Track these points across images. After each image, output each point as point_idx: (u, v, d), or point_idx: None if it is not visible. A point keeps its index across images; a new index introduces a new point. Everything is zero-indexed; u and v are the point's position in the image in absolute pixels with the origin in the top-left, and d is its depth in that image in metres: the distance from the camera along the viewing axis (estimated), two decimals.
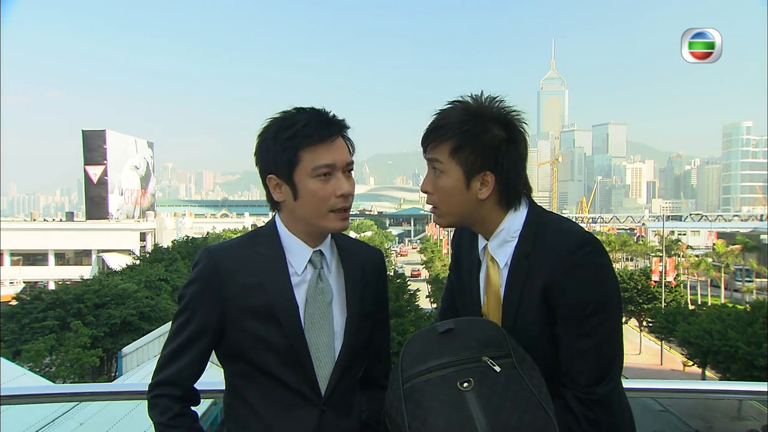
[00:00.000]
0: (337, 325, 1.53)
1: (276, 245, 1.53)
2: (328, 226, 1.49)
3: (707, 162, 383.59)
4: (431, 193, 1.50)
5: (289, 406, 1.49)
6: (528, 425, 1.22)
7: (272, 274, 1.49)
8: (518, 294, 1.45)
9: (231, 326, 1.49)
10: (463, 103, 1.50)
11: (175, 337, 1.51)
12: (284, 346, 1.47)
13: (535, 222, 1.49)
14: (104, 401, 3.39)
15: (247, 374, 1.51)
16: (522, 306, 1.44)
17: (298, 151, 1.44)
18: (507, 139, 1.46)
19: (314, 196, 1.46)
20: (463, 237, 1.67)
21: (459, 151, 1.44)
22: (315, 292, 1.52)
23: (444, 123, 1.46)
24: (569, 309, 1.40)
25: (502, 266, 1.51)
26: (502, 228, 1.51)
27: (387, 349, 1.77)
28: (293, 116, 1.48)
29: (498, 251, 1.51)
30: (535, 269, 1.43)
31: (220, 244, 1.56)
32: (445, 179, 1.47)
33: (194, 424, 1.52)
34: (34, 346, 18.97)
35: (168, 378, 1.49)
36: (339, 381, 1.52)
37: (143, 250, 49.07)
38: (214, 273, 1.48)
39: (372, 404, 1.71)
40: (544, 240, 1.45)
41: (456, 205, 1.49)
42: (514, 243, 1.49)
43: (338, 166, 1.46)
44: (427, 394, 1.27)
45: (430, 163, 1.50)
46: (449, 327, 1.37)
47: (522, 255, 1.46)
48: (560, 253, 1.40)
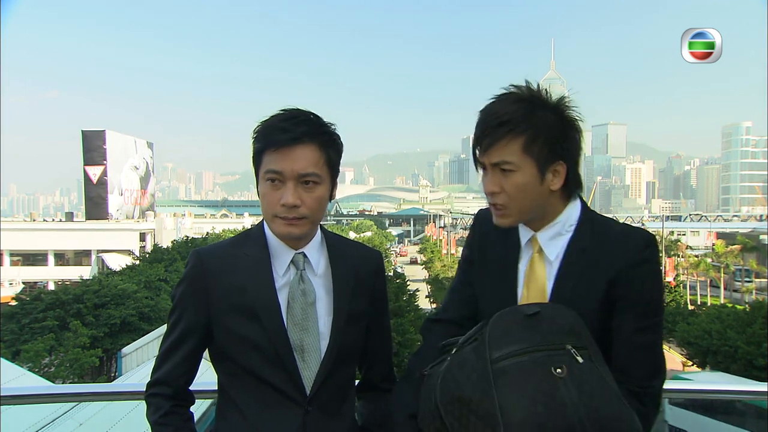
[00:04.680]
0: (323, 326, 1.54)
1: (262, 246, 1.55)
2: (275, 229, 1.51)
3: (707, 162, 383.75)
4: (498, 193, 1.43)
5: (274, 406, 1.50)
6: (616, 417, 1.21)
7: (256, 275, 1.51)
8: (571, 288, 1.42)
9: (217, 326, 1.51)
10: (515, 95, 1.42)
11: (168, 337, 1.54)
12: (268, 347, 1.48)
13: (590, 218, 1.48)
14: (104, 401, 3.39)
15: (234, 374, 1.52)
16: (574, 300, 1.39)
17: (261, 152, 1.47)
18: (569, 125, 1.43)
19: (263, 199, 1.49)
20: (490, 228, 1.56)
21: (532, 145, 1.38)
22: (296, 294, 1.52)
23: (508, 119, 1.37)
24: (632, 303, 1.39)
25: (552, 259, 1.46)
26: (558, 220, 1.47)
27: (387, 351, 1.76)
28: (271, 116, 1.49)
29: (549, 243, 1.47)
30: (596, 264, 1.41)
31: (209, 245, 1.59)
32: (517, 177, 1.40)
33: (185, 422, 1.54)
34: (34, 347, 18.96)
35: (161, 377, 1.53)
36: (325, 382, 1.52)
37: (143, 250, 48.97)
38: (200, 273, 1.51)
39: (370, 407, 1.71)
40: (606, 236, 1.43)
41: (529, 201, 1.43)
42: (568, 236, 1.46)
43: (287, 175, 1.44)
44: (518, 377, 1.22)
45: (495, 165, 1.41)
46: (536, 310, 1.32)
47: (579, 249, 1.44)
48: (629, 249, 1.39)
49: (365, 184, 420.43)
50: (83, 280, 28.32)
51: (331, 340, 1.53)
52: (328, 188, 1.52)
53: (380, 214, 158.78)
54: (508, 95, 1.42)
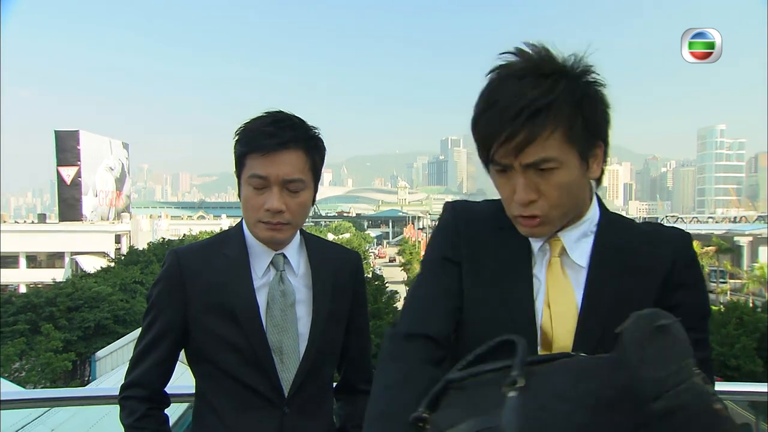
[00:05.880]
0: (302, 328, 1.53)
1: (241, 247, 1.53)
2: (258, 234, 1.50)
3: (683, 164, 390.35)
4: (535, 201, 1.10)
5: (251, 408, 1.48)
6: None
7: (234, 276, 1.50)
8: (611, 296, 1.15)
9: (194, 327, 1.49)
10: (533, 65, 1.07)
11: (143, 338, 1.52)
12: (246, 348, 1.47)
13: (609, 213, 1.25)
14: (76, 406, 3.33)
15: (211, 375, 1.51)
16: (617, 308, 1.10)
17: (244, 156, 1.45)
18: (599, 91, 1.13)
19: (246, 203, 1.47)
20: (479, 226, 1.26)
21: (574, 130, 1.06)
22: (276, 295, 1.51)
23: (548, 102, 1.03)
24: (686, 312, 1.07)
25: (581, 263, 1.19)
26: (586, 218, 1.22)
27: (366, 353, 1.75)
28: (255, 119, 1.47)
29: (576, 246, 1.20)
30: (637, 267, 1.16)
31: (187, 245, 1.58)
32: (561, 174, 1.08)
33: (161, 426, 1.51)
34: (4, 351, 18.57)
35: (135, 379, 1.50)
36: (303, 383, 1.51)
37: (118, 252, 48.23)
38: (177, 273, 1.49)
39: (349, 409, 1.70)
40: (638, 234, 1.21)
41: (573, 201, 1.15)
42: (593, 236, 1.21)
43: (272, 180, 1.43)
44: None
45: (530, 166, 1.07)
46: (665, 323, 0.85)
47: (610, 249, 1.18)
48: (677, 247, 1.18)
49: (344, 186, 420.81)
50: (56, 282, 27.88)
51: (310, 341, 1.52)
52: (311, 193, 1.51)
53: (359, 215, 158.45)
54: (527, 69, 1.07)
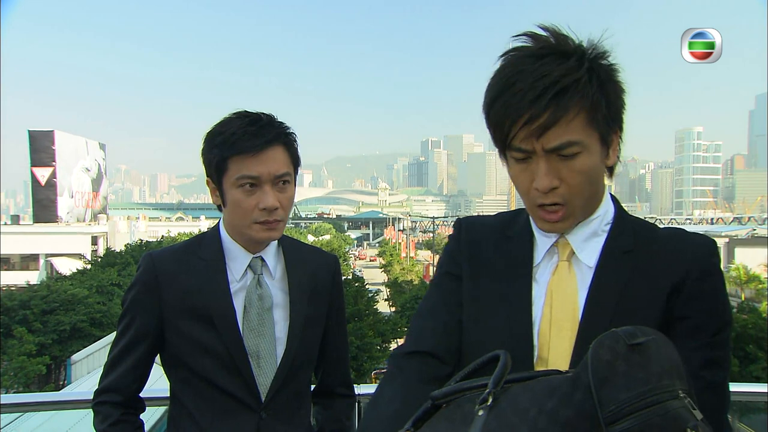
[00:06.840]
0: (280, 332, 1.52)
1: (217, 250, 1.52)
2: (254, 236, 1.48)
3: (661, 166, 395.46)
4: (557, 188, 1.05)
5: (228, 413, 1.47)
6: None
7: (211, 279, 1.49)
8: (614, 301, 1.08)
9: (170, 331, 1.48)
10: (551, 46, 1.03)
11: (117, 343, 1.50)
12: (222, 352, 1.46)
13: (624, 214, 1.17)
14: (51, 411, 3.27)
15: (187, 380, 1.49)
16: (620, 314, 1.06)
17: (226, 160, 1.43)
18: (616, 74, 1.08)
19: (237, 207, 1.45)
20: (480, 235, 1.24)
21: (596, 112, 1.02)
22: (253, 298, 1.50)
23: (571, 81, 0.99)
24: (700, 327, 1.06)
25: (590, 266, 1.12)
26: (597, 214, 1.13)
27: (344, 357, 1.75)
28: (229, 122, 1.46)
29: (585, 246, 1.13)
30: (648, 272, 1.09)
31: (163, 248, 1.56)
32: (584, 159, 1.03)
33: (135, 431, 1.50)
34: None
35: (110, 385, 1.48)
36: (281, 388, 1.50)
37: (95, 254, 47.55)
38: (152, 277, 1.48)
39: (326, 413, 1.70)
40: (654, 237, 1.13)
41: (593, 189, 1.09)
42: (604, 237, 1.14)
43: (264, 178, 1.43)
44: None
45: (552, 151, 1.02)
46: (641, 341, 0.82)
47: (620, 252, 1.11)
48: (695, 255, 1.08)
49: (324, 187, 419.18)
50: (30, 285, 27.46)
51: (288, 345, 1.52)
52: (294, 187, 1.52)
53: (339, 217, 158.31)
54: (546, 48, 1.03)
